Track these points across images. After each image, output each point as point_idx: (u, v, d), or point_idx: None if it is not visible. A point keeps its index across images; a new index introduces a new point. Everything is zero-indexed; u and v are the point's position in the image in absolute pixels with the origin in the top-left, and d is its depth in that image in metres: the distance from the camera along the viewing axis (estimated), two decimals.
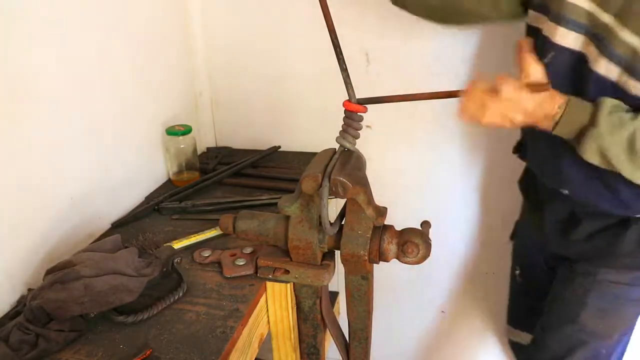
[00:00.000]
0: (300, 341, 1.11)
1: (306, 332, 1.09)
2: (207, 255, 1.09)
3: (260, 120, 1.65)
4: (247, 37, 1.55)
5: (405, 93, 0.92)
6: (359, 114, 0.89)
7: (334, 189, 0.85)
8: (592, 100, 0.91)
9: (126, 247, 1.03)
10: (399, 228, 0.95)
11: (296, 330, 1.09)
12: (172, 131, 1.39)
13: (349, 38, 0.89)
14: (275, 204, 0.99)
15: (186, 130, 1.40)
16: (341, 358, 1.12)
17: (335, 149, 0.92)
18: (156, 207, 1.29)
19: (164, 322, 0.92)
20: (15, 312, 0.93)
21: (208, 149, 1.67)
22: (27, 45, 0.98)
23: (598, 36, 0.93)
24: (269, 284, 1.01)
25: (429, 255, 0.92)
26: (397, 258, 0.93)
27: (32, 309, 0.85)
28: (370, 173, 0.94)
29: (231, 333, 0.88)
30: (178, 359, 0.83)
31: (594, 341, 1.17)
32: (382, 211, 0.91)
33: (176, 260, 1.02)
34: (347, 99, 0.90)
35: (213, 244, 1.14)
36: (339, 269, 0.99)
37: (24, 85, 0.98)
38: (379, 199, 0.92)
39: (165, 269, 0.99)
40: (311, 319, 1.06)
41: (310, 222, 0.91)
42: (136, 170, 1.34)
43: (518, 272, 1.38)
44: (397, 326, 1.86)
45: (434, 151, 1.56)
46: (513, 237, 1.41)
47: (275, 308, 1.05)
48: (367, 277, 0.96)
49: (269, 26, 1.53)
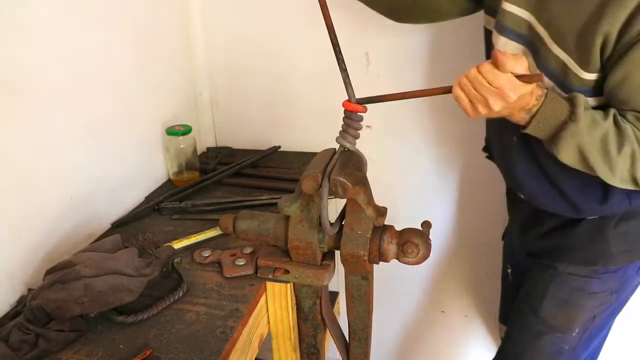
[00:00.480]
0: (300, 341, 1.11)
1: (306, 332, 1.09)
2: (207, 255, 1.09)
3: (260, 121, 1.65)
4: (247, 37, 1.55)
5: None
6: (358, 114, 0.89)
7: (333, 189, 0.85)
8: None
9: (126, 247, 1.03)
10: (399, 228, 0.95)
11: (296, 330, 1.09)
12: (172, 131, 1.39)
13: (349, 38, 0.89)
14: (275, 204, 0.99)
15: (186, 130, 1.40)
16: (341, 358, 1.12)
17: (335, 149, 0.92)
18: (156, 207, 1.29)
19: (164, 322, 0.92)
20: (15, 312, 0.93)
21: (208, 149, 1.67)
22: (27, 44, 0.98)
23: (535, 48, 0.93)
24: (269, 284, 1.01)
25: (429, 256, 0.92)
26: (397, 258, 0.93)
27: (32, 309, 0.85)
28: (370, 173, 0.94)
29: (231, 333, 0.88)
30: (178, 359, 0.83)
31: (553, 333, 1.17)
32: (382, 211, 0.91)
33: (176, 260, 1.02)
34: (347, 99, 0.90)
35: (213, 244, 1.14)
36: (339, 269, 0.99)
37: (23, 85, 0.98)
38: (378, 199, 0.92)
39: (165, 269, 0.99)
40: (311, 319, 1.06)
41: (310, 222, 0.91)
42: (136, 170, 1.34)
43: (510, 270, 1.38)
44: (397, 326, 1.86)
45: (434, 151, 1.56)
46: (504, 236, 1.41)
47: (275, 308, 1.05)
48: (367, 277, 0.96)
49: (269, 26, 1.53)
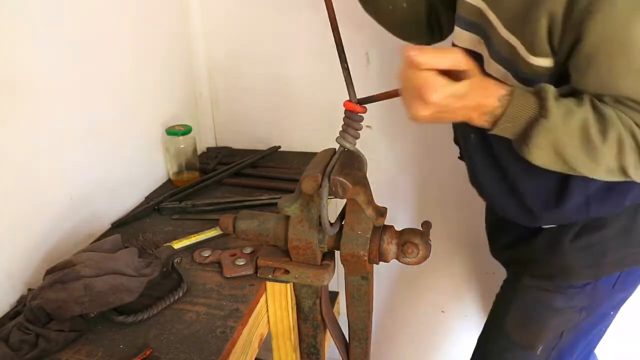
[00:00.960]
0: (300, 341, 1.11)
1: (306, 332, 1.09)
2: (207, 255, 1.09)
3: (260, 121, 1.65)
4: (247, 37, 1.55)
5: None
6: (359, 114, 0.89)
7: (333, 189, 0.85)
8: None
9: (126, 247, 1.03)
10: (399, 228, 0.95)
11: (296, 330, 1.09)
12: (172, 131, 1.39)
13: (349, 38, 0.89)
14: (275, 204, 0.99)
15: (186, 130, 1.40)
16: (341, 358, 1.12)
17: (335, 149, 0.92)
18: (156, 207, 1.29)
19: (164, 322, 0.92)
20: (15, 312, 0.93)
21: (208, 149, 1.67)
22: (27, 45, 0.98)
23: (487, 35, 0.85)
24: (269, 284, 1.01)
25: (429, 256, 0.92)
26: (397, 258, 0.93)
27: (32, 309, 0.85)
28: (370, 173, 0.94)
29: (231, 333, 0.88)
30: (178, 359, 0.83)
31: (517, 350, 1.10)
32: (382, 211, 0.91)
33: (176, 260, 1.02)
34: (347, 99, 0.90)
35: (213, 244, 1.14)
36: (339, 269, 0.99)
37: (23, 85, 0.98)
38: (378, 199, 0.92)
39: (165, 269, 0.99)
40: (311, 319, 1.06)
41: (310, 222, 0.91)
42: (136, 170, 1.34)
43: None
44: (397, 326, 1.86)
45: (434, 151, 1.55)
46: None
47: (275, 308, 1.05)
48: (367, 278, 0.96)
49: (269, 26, 1.53)
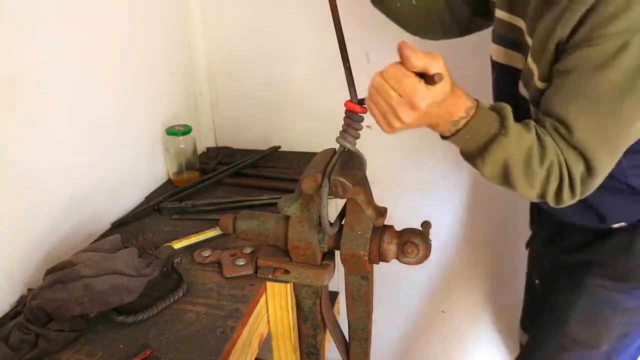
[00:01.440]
0: (300, 341, 1.11)
1: (306, 332, 1.09)
2: (207, 255, 1.09)
3: (260, 120, 1.65)
4: (247, 37, 1.55)
5: None
6: (359, 114, 0.89)
7: (333, 189, 0.85)
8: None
9: (126, 247, 1.03)
10: (399, 228, 0.95)
11: (296, 330, 1.09)
12: (172, 131, 1.39)
13: (348, 37, 0.88)
14: (275, 204, 0.99)
15: (186, 130, 1.40)
16: (341, 358, 1.12)
17: (335, 149, 0.92)
18: (156, 207, 1.29)
19: (164, 322, 0.92)
20: (15, 312, 0.93)
21: (208, 149, 1.67)
22: (27, 45, 0.98)
23: (517, 43, 0.90)
24: (269, 284, 1.01)
25: (429, 256, 0.92)
26: (397, 258, 0.93)
27: (32, 309, 0.85)
28: (370, 173, 0.94)
29: (231, 333, 0.88)
30: (178, 359, 0.83)
31: (578, 349, 1.10)
32: (382, 211, 0.91)
33: (176, 260, 1.02)
34: (348, 98, 0.90)
35: (213, 244, 1.14)
36: (339, 269, 0.99)
37: (23, 85, 0.98)
38: (378, 199, 0.92)
39: (165, 269, 0.99)
40: (311, 319, 1.06)
41: (310, 222, 0.91)
42: (136, 170, 1.34)
43: (537, 282, 1.31)
44: (397, 326, 1.86)
45: (434, 151, 1.55)
46: (528, 246, 1.35)
47: (275, 308, 1.05)
48: (367, 278, 0.96)
49: (269, 26, 1.53)
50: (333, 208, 1.38)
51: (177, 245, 1.11)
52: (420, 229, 0.94)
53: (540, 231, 1.24)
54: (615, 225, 1.02)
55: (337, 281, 1.55)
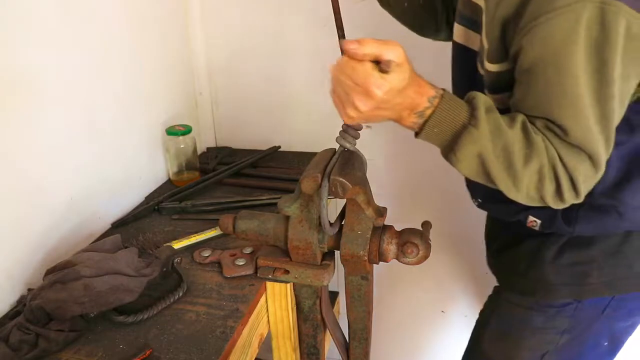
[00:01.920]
0: (300, 341, 1.11)
1: (306, 332, 1.09)
2: (207, 255, 1.09)
3: (260, 120, 1.65)
4: (247, 37, 1.55)
5: None
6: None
7: (333, 189, 0.85)
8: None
9: (126, 247, 1.03)
10: (399, 228, 0.95)
11: (296, 330, 1.09)
12: (172, 131, 1.39)
13: (348, 37, 0.88)
14: (275, 204, 0.99)
15: (186, 130, 1.40)
16: (341, 358, 1.12)
17: (335, 149, 0.92)
18: (156, 207, 1.29)
19: (164, 322, 0.92)
20: (15, 312, 0.93)
21: (208, 149, 1.67)
22: (27, 45, 0.98)
23: (477, 23, 0.83)
24: (269, 284, 1.01)
25: (428, 256, 0.92)
26: (397, 258, 0.93)
27: (32, 309, 0.85)
28: (370, 173, 0.94)
29: (231, 333, 0.88)
30: (178, 359, 0.83)
31: None
32: (381, 211, 0.91)
33: (176, 260, 1.02)
34: None
35: (213, 244, 1.14)
36: (339, 269, 0.99)
37: (23, 85, 0.98)
38: (378, 199, 0.92)
39: (165, 269, 0.99)
40: (311, 319, 1.06)
41: (310, 222, 0.91)
42: (136, 170, 1.34)
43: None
44: (397, 326, 1.86)
45: (434, 151, 1.55)
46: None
47: (275, 308, 1.05)
48: (367, 278, 0.96)
49: (269, 26, 1.53)
50: (333, 208, 1.38)
51: (177, 245, 1.11)
52: (420, 229, 0.94)
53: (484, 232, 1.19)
54: (530, 221, 0.93)
55: (337, 281, 1.55)
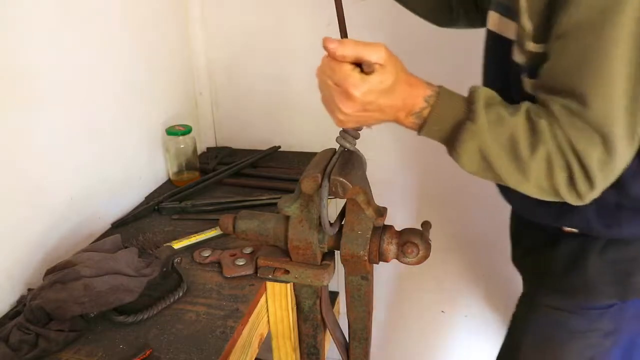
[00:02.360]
0: (300, 341, 1.11)
1: (306, 332, 1.09)
2: (207, 255, 1.09)
3: (260, 120, 1.65)
4: (247, 37, 1.55)
5: None
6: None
7: (333, 189, 0.85)
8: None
9: (126, 247, 1.03)
10: (399, 228, 0.95)
11: (296, 330, 1.09)
12: (172, 131, 1.39)
13: (351, 37, 0.88)
14: (275, 204, 0.99)
15: (186, 130, 1.40)
16: (341, 358, 1.12)
17: (335, 149, 0.92)
18: (156, 207, 1.29)
19: (164, 322, 0.92)
20: (15, 312, 0.93)
21: (208, 149, 1.67)
22: (27, 45, 0.98)
23: (512, 10, 0.78)
24: (269, 284, 1.01)
25: (428, 256, 0.92)
26: (397, 258, 0.93)
27: (32, 309, 0.85)
28: (370, 173, 0.94)
29: (231, 333, 0.88)
30: (178, 359, 0.83)
31: None
32: (382, 211, 0.91)
33: (176, 260, 1.02)
34: None
35: (213, 244, 1.14)
36: (339, 269, 0.99)
37: (23, 84, 0.98)
38: (378, 199, 0.92)
39: (165, 269, 0.99)
40: (311, 319, 1.06)
41: (310, 222, 0.91)
42: (136, 170, 1.34)
43: None
44: (397, 326, 1.86)
45: (434, 150, 1.55)
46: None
47: (275, 308, 1.05)
48: (367, 278, 0.96)
49: (269, 26, 1.53)
50: (333, 208, 1.38)
51: (177, 245, 1.11)
52: (420, 229, 0.94)
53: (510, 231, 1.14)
54: (567, 229, 0.90)
55: (337, 281, 1.55)
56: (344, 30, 0.85)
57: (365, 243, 0.90)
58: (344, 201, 0.92)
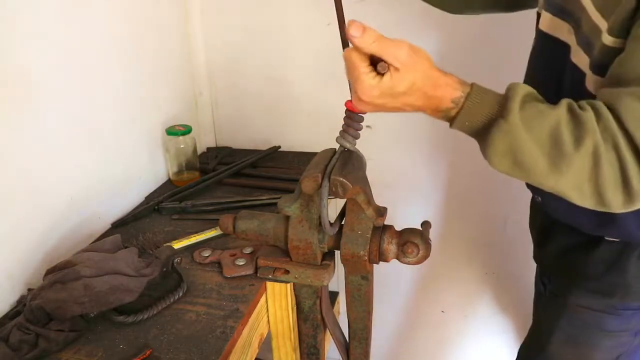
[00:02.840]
0: (300, 341, 1.11)
1: (306, 332, 1.09)
2: (207, 255, 1.09)
3: (260, 120, 1.65)
4: (247, 37, 1.55)
5: None
6: (359, 114, 0.89)
7: (333, 189, 0.85)
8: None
9: (126, 247, 1.03)
10: (399, 228, 0.95)
11: (296, 330, 1.09)
12: (172, 131, 1.39)
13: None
14: (275, 204, 0.99)
15: (186, 130, 1.40)
16: (341, 358, 1.12)
17: (335, 149, 0.92)
18: (156, 207, 1.29)
19: (164, 322, 0.92)
20: (15, 312, 0.93)
21: (208, 149, 1.67)
22: (26, 46, 0.98)
23: (577, 21, 0.77)
24: (269, 284, 1.01)
25: (428, 256, 0.92)
26: (397, 258, 0.93)
27: (32, 309, 0.85)
28: (371, 173, 0.94)
29: (231, 333, 0.88)
30: (178, 359, 0.83)
31: None
32: (382, 211, 0.91)
33: (176, 260, 1.02)
34: (347, 98, 0.89)
35: (213, 244, 1.14)
36: (339, 269, 0.99)
37: (24, 85, 0.98)
38: (378, 199, 0.92)
39: (165, 269, 0.99)
40: (311, 319, 1.06)
41: (310, 222, 0.91)
42: (136, 170, 1.34)
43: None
44: (397, 326, 1.86)
45: (434, 151, 1.56)
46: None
47: (275, 308, 1.05)
48: (367, 277, 0.96)
49: (269, 26, 1.53)
50: (333, 208, 1.38)
51: (177, 245, 1.11)
52: (420, 229, 0.94)
53: (533, 230, 1.13)
54: (609, 239, 0.90)
55: (337, 281, 1.55)
56: (343, 30, 0.85)
57: (366, 243, 0.90)
58: (344, 201, 0.92)
